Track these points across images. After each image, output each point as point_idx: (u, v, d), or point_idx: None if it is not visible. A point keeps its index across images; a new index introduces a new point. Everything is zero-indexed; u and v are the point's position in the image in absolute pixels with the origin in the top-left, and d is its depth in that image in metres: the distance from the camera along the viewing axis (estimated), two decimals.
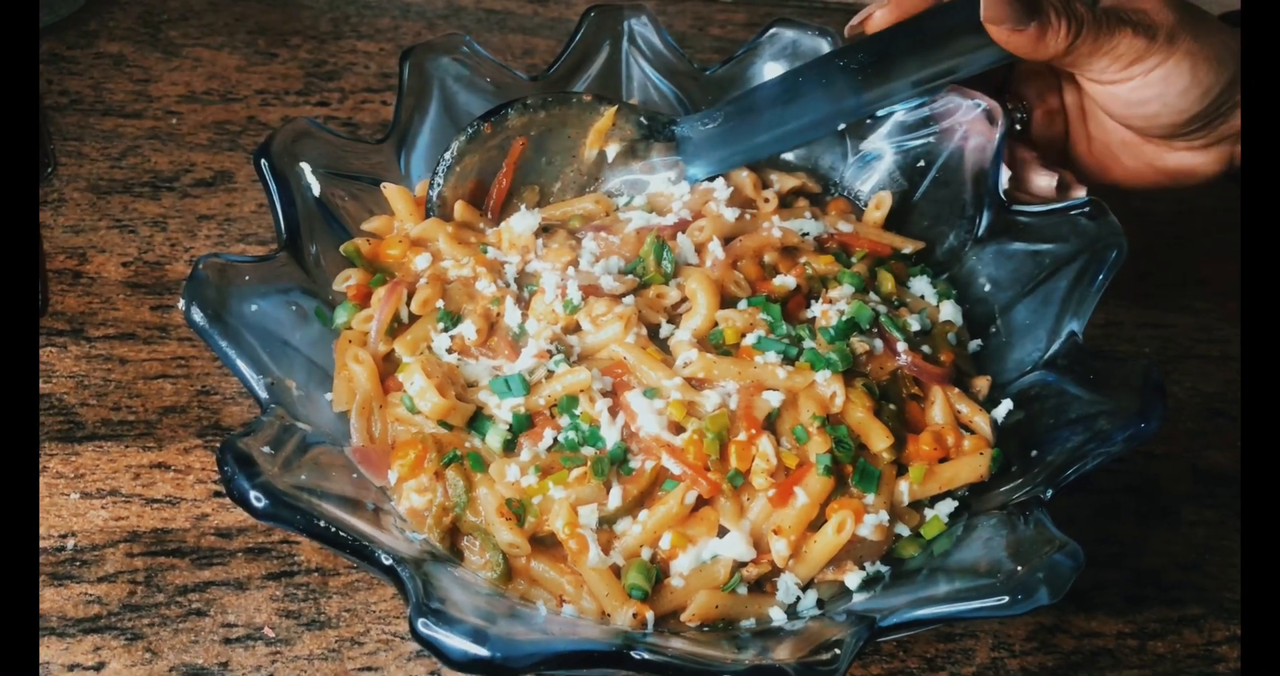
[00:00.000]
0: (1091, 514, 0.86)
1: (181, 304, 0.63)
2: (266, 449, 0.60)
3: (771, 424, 0.69)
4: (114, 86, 1.05)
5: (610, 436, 0.68)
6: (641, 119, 0.82)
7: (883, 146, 0.84)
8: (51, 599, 0.75)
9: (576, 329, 0.74)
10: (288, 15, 1.14)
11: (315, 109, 1.06)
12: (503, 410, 0.70)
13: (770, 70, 0.86)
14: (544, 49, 1.15)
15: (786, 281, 0.76)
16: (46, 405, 0.83)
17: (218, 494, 0.81)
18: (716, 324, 0.73)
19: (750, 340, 0.72)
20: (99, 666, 0.72)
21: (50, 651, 0.72)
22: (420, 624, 0.53)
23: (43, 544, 0.77)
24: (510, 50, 1.14)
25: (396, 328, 0.73)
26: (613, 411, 0.68)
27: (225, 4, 1.14)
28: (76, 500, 0.79)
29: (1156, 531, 0.86)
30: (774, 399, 0.69)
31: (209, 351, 0.87)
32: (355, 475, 0.67)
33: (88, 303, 0.90)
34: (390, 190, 0.80)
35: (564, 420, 0.69)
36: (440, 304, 0.74)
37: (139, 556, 0.77)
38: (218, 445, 0.81)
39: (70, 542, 0.77)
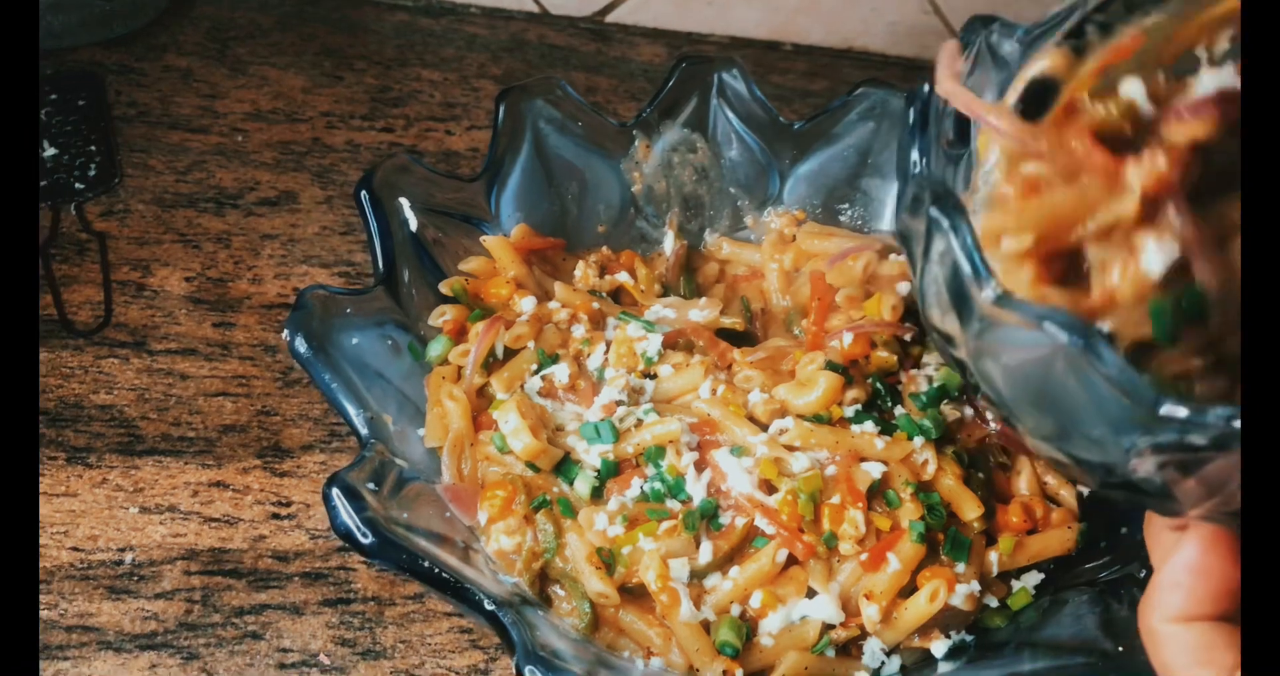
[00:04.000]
0: None
1: (285, 334, 0.64)
2: (370, 484, 0.60)
3: (871, 493, 0.69)
4: (181, 100, 1.05)
5: (696, 492, 0.68)
6: None
7: None
8: (109, 612, 0.75)
9: (654, 376, 0.74)
10: (354, 39, 1.15)
11: (380, 135, 1.06)
12: (590, 456, 0.70)
13: (857, 128, 0.86)
14: (606, 88, 1.16)
15: (890, 358, 0.76)
16: (108, 417, 0.83)
17: (275, 516, 0.81)
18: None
19: (849, 413, 0.72)
20: None
21: (107, 666, 0.72)
22: (528, 671, 0.53)
23: (101, 557, 0.77)
24: (573, 87, 1.14)
25: (491, 363, 0.74)
26: (699, 466, 0.69)
27: (293, 24, 1.15)
28: (135, 514, 0.79)
29: None
30: (875, 470, 0.69)
31: (270, 371, 0.88)
32: (447, 514, 0.67)
33: (150, 315, 0.90)
34: (490, 242, 0.80)
35: (649, 470, 0.70)
36: (531, 345, 0.74)
37: (196, 574, 0.77)
38: (277, 467, 0.82)
39: (129, 557, 0.77)
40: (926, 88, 0.58)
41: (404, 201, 0.74)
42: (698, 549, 0.67)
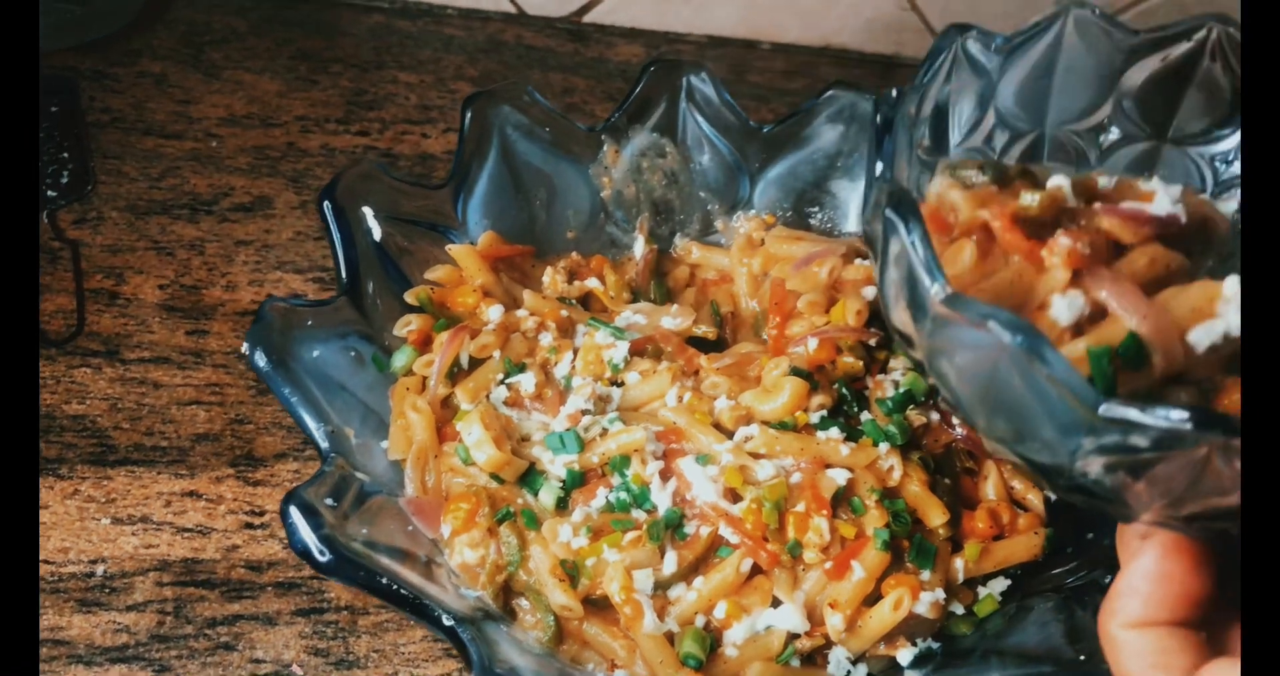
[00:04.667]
0: None
1: (245, 347, 0.63)
2: (329, 500, 0.60)
3: (836, 500, 0.69)
4: (155, 106, 1.05)
5: (662, 501, 0.68)
6: None
7: None
8: (80, 625, 0.74)
9: (622, 384, 0.74)
10: (330, 42, 1.14)
11: (355, 138, 1.06)
12: (555, 466, 0.70)
13: (826, 131, 0.86)
14: (583, 88, 1.15)
15: (855, 363, 0.76)
16: (80, 427, 0.83)
17: (248, 526, 0.80)
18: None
19: (814, 419, 0.72)
20: None
21: None
22: None
23: (72, 569, 0.76)
24: (550, 88, 1.14)
25: (456, 373, 0.74)
26: (664, 475, 0.69)
27: (269, 28, 1.14)
28: (107, 525, 0.79)
29: None
30: (840, 477, 0.69)
31: (243, 379, 0.87)
32: (409, 527, 0.67)
33: (123, 324, 0.89)
34: (457, 250, 0.80)
35: (615, 479, 0.69)
36: (496, 354, 0.74)
37: (169, 586, 0.77)
38: (250, 476, 0.82)
39: (100, 568, 0.77)
40: (895, 92, 0.58)
41: (368, 210, 0.73)
42: (662, 559, 0.66)
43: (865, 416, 0.73)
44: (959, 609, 0.69)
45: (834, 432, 0.71)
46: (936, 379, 0.55)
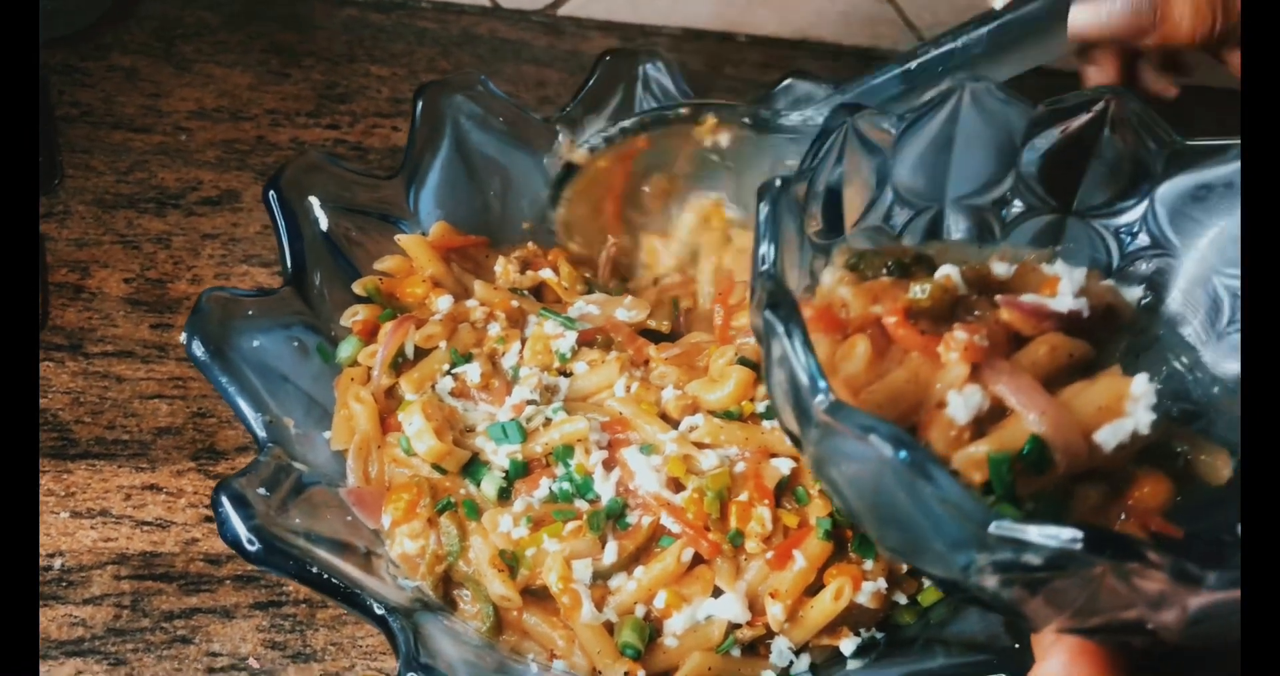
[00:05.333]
0: None
1: (183, 337, 0.63)
2: (262, 490, 0.59)
3: (780, 489, 0.68)
4: (125, 100, 1.05)
5: (605, 491, 0.67)
6: (745, 118, 0.82)
7: None
8: None
9: (570, 374, 0.74)
10: (303, 36, 1.14)
11: (325, 131, 1.06)
12: (499, 457, 0.70)
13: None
14: (556, 81, 1.15)
15: None
16: (41, 421, 0.83)
17: (208, 519, 0.80)
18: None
19: (760, 408, 0.71)
20: None
21: None
22: None
23: None
24: (523, 81, 1.14)
25: (401, 363, 0.73)
26: (608, 464, 0.68)
27: (242, 21, 1.14)
28: (66, 519, 0.79)
29: None
30: (784, 466, 0.68)
31: None
32: (349, 517, 0.66)
33: (88, 318, 0.89)
34: (406, 241, 0.79)
35: (559, 470, 0.69)
36: (443, 344, 0.74)
37: (126, 579, 0.77)
38: (211, 469, 0.82)
39: (58, 562, 0.77)
40: (778, 181, 0.56)
41: (314, 200, 0.73)
42: (603, 549, 0.66)
43: None
44: (902, 598, 0.69)
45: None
46: (826, 485, 0.53)
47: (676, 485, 0.68)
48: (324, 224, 0.74)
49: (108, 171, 0.99)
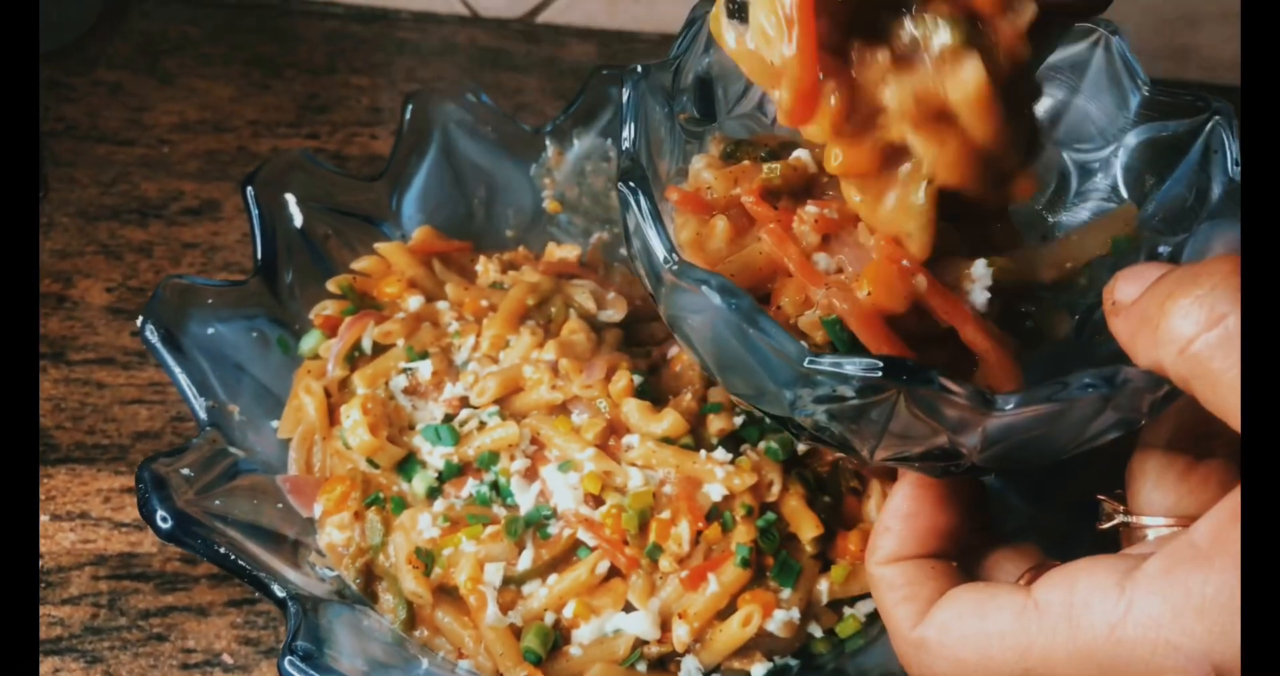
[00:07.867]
0: None
1: (139, 320, 0.65)
2: (187, 470, 0.62)
3: (710, 516, 0.68)
4: (109, 114, 1.07)
5: (525, 502, 0.69)
6: None
7: None
8: None
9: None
10: (285, 47, 1.16)
11: (305, 141, 1.08)
12: (434, 457, 0.71)
13: None
14: (534, 88, 1.17)
15: None
16: None
17: None
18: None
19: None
20: None
21: None
22: (286, 662, 0.55)
23: None
24: (501, 88, 1.16)
25: (358, 358, 0.75)
26: (529, 475, 0.70)
27: (224, 34, 1.16)
28: (46, 522, 0.81)
29: None
30: (715, 493, 0.68)
31: None
32: (281, 505, 0.68)
33: (70, 327, 0.91)
34: (385, 248, 0.81)
35: (487, 474, 0.71)
36: (401, 342, 0.75)
37: (104, 579, 0.79)
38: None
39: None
40: (639, 68, 0.59)
41: (290, 197, 0.75)
42: (519, 555, 0.67)
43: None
44: (817, 631, 0.69)
45: (719, 453, 0.70)
46: (681, 341, 0.58)
47: (596, 501, 0.68)
48: (299, 220, 0.76)
49: (91, 184, 1.01)
